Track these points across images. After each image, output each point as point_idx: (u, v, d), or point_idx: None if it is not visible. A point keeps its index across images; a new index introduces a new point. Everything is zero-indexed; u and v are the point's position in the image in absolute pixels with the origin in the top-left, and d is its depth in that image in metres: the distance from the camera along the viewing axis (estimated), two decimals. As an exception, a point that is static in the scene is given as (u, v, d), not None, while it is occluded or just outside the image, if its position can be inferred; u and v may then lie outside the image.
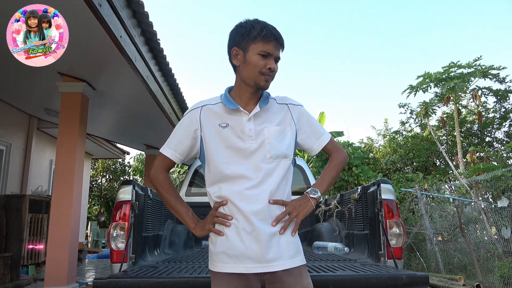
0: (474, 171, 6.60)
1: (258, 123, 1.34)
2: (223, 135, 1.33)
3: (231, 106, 1.33)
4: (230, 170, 1.28)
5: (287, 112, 1.40)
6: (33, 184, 7.16)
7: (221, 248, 1.27)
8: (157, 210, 3.37)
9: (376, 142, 13.91)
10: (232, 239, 1.25)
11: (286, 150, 1.33)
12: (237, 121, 1.33)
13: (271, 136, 1.32)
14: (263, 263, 1.23)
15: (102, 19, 3.24)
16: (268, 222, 1.26)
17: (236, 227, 1.25)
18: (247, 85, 1.34)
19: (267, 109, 1.38)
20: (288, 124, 1.38)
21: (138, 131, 8.07)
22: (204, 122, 1.36)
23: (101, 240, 12.82)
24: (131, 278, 2.07)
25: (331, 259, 2.86)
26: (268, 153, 1.30)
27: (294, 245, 1.30)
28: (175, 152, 1.40)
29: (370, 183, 3.01)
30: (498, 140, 11.13)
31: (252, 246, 1.23)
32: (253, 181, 1.27)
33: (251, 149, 1.30)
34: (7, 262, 4.79)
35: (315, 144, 1.45)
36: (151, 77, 4.87)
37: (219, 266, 1.26)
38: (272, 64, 1.30)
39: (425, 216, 5.92)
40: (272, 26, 1.32)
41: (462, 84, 8.25)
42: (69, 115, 4.83)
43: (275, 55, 1.32)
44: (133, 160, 18.07)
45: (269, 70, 1.31)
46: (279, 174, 1.31)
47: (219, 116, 1.35)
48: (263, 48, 1.30)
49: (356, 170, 9.09)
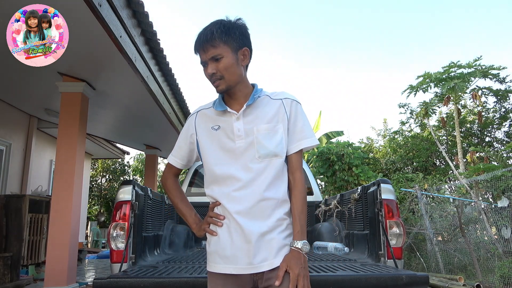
0: (474, 171, 6.60)
1: (247, 122, 1.32)
2: (216, 137, 1.34)
3: (219, 108, 1.34)
4: (221, 171, 1.29)
5: (280, 107, 1.35)
6: (33, 184, 7.16)
7: (214, 248, 1.29)
8: (157, 210, 3.37)
9: (376, 142, 13.92)
10: (223, 239, 1.26)
11: (275, 148, 1.29)
12: (227, 122, 1.33)
13: (260, 135, 1.30)
14: (253, 264, 1.22)
15: (102, 19, 3.24)
16: (257, 221, 1.24)
17: (228, 228, 1.26)
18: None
19: (257, 106, 1.35)
20: (280, 120, 1.33)
21: (138, 131, 8.07)
22: (199, 126, 1.39)
23: (101, 240, 12.82)
24: (131, 278, 2.07)
25: (331, 259, 2.86)
26: (257, 153, 1.28)
27: (287, 248, 1.27)
28: (176, 158, 1.46)
29: (370, 183, 3.01)
30: (498, 140, 11.13)
31: (242, 246, 1.23)
32: (242, 181, 1.26)
33: (241, 148, 1.29)
34: (7, 262, 4.79)
35: (291, 145, 1.34)
36: (151, 77, 4.87)
37: (212, 266, 1.29)
38: (208, 69, 1.29)
39: (425, 216, 5.92)
40: (200, 31, 1.29)
41: (462, 84, 8.24)
42: (69, 115, 4.83)
43: (207, 58, 1.28)
44: (133, 160, 18.10)
45: (210, 76, 1.30)
46: (270, 174, 1.28)
47: (211, 119, 1.37)
48: (200, 60, 1.31)
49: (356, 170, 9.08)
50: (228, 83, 1.30)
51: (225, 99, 1.38)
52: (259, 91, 1.38)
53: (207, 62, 1.29)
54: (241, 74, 1.33)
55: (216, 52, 1.26)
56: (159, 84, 5.22)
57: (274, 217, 1.27)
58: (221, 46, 1.26)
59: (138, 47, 4.16)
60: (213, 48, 1.26)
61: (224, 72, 1.28)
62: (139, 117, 6.96)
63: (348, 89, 37.24)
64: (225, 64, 1.27)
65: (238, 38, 1.30)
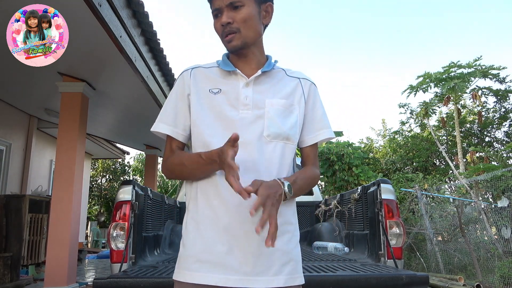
0: (474, 171, 6.60)
1: (258, 91, 1.07)
2: (213, 102, 1.06)
3: (227, 68, 1.09)
4: (219, 145, 0.96)
5: (297, 87, 1.13)
6: (33, 184, 7.16)
7: (191, 250, 1.01)
8: (157, 210, 3.37)
9: (376, 142, 13.92)
10: (208, 239, 0.99)
11: (289, 130, 1.06)
12: (232, 86, 1.08)
13: (273, 109, 1.05)
14: (247, 274, 0.96)
15: (102, 19, 3.24)
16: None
17: (216, 224, 0.99)
18: (228, 51, 1.12)
19: (272, 77, 1.12)
20: (296, 102, 1.10)
21: (138, 131, 8.06)
22: (193, 85, 1.10)
23: (101, 240, 12.81)
24: (131, 278, 2.07)
25: (331, 259, 2.86)
26: (266, 130, 1.03)
27: (292, 263, 1.03)
28: (177, 129, 1.11)
29: (370, 183, 3.01)
30: (498, 140, 11.14)
31: (234, 249, 0.98)
32: (242, 163, 0.95)
33: (245, 121, 1.03)
34: (7, 262, 4.79)
35: (309, 135, 1.13)
36: (151, 77, 4.87)
37: (186, 274, 1.01)
38: (222, 18, 1.04)
39: (425, 216, 5.92)
40: None
41: (462, 84, 8.25)
42: (69, 115, 4.83)
43: (224, 4, 1.03)
44: (133, 160, 18.10)
45: (224, 27, 1.05)
46: (276, 159, 1.03)
47: (211, 80, 1.10)
48: (212, 8, 1.07)
49: (356, 170, 9.08)
50: (244, 39, 1.05)
51: (233, 60, 1.12)
52: (275, 62, 1.16)
53: (223, 9, 1.04)
54: (260, 32, 1.09)
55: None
56: (159, 84, 5.23)
57: (282, 217, 1.00)
58: None
59: (138, 47, 4.16)
60: None
61: (241, 24, 1.04)
62: (139, 117, 6.96)
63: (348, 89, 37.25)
64: (245, 14, 1.03)
65: None
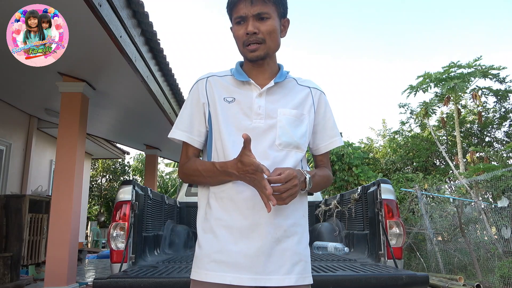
0: (474, 171, 6.61)
1: (270, 101, 1.11)
2: (227, 111, 1.10)
3: (241, 78, 1.12)
4: (231, 153, 1.04)
5: (307, 96, 1.17)
6: (33, 184, 7.15)
7: (207, 250, 1.06)
8: (157, 210, 3.37)
9: (376, 142, 13.93)
10: (223, 240, 1.04)
11: (300, 139, 1.11)
12: (246, 96, 1.11)
13: (285, 119, 1.09)
14: (259, 274, 1.01)
15: (102, 19, 3.24)
16: (274, 220, 1.04)
17: (231, 226, 1.05)
18: (246, 59, 1.15)
19: (284, 87, 1.15)
20: (306, 111, 1.15)
21: (138, 131, 8.07)
22: (210, 95, 1.14)
23: (101, 240, 12.82)
24: (131, 278, 2.07)
25: (331, 259, 2.86)
26: (278, 139, 1.08)
27: (303, 263, 1.09)
28: (192, 135, 1.14)
29: (370, 183, 3.01)
30: (498, 140, 11.14)
31: (248, 251, 1.03)
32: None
33: (258, 130, 1.07)
34: (7, 262, 4.79)
35: (323, 143, 1.21)
36: (151, 77, 4.87)
37: (202, 273, 1.06)
38: (248, 27, 1.05)
39: (425, 216, 5.92)
40: None
41: (462, 84, 8.26)
42: (69, 115, 4.83)
43: (251, 14, 1.05)
44: (133, 160, 18.11)
45: (248, 36, 1.06)
46: (288, 166, 1.07)
47: (225, 89, 1.14)
48: (236, 15, 1.07)
49: (356, 170, 9.09)
50: (267, 50, 1.09)
51: (246, 69, 1.16)
52: (287, 72, 1.20)
53: (248, 18, 1.05)
54: (279, 45, 1.13)
55: (265, 10, 1.05)
56: (159, 84, 5.22)
57: (292, 218, 1.08)
58: (270, 5, 1.06)
59: (138, 47, 4.16)
60: (263, 3, 1.04)
61: (267, 36, 1.06)
62: (139, 117, 6.96)
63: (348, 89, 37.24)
64: (270, 26, 1.06)
65: (286, 5, 1.12)
